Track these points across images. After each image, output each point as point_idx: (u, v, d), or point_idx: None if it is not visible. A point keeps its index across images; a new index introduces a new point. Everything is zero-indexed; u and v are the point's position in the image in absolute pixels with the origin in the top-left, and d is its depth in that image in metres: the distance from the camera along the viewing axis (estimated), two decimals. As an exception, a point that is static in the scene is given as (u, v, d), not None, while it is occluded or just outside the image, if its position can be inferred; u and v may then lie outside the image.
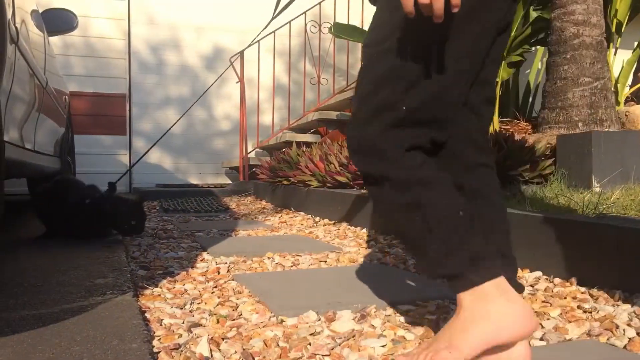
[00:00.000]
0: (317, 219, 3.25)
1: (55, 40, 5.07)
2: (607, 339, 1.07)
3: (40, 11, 3.26)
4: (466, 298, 0.88)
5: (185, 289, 1.53)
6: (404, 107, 0.91)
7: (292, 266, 1.88)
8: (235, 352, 1.00)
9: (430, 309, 1.29)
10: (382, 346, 1.03)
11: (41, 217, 2.49)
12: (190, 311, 1.30)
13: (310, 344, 1.05)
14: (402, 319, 1.22)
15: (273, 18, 1.38)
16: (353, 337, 1.09)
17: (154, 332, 1.11)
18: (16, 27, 2.02)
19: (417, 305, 1.33)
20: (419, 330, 1.13)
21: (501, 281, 0.89)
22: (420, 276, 1.68)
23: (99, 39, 6.58)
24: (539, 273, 1.60)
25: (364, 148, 0.95)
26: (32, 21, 2.62)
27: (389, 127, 0.92)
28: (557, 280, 1.53)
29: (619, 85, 3.93)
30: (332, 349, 1.02)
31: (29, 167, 2.68)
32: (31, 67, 2.38)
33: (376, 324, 1.18)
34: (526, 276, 1.58)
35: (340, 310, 1.27)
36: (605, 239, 1.41)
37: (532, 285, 1.49)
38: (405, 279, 1.53)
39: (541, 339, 1.07)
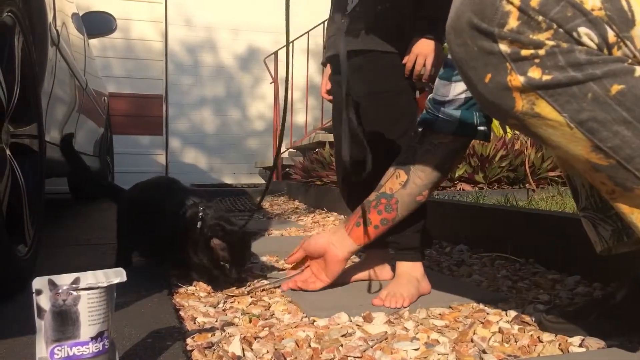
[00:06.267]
0: (350, 219, 3.23)
1: (94, 42, 5.20)
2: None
3: (81, 14, 3.35)
4: None
5: (218, 288, 1.54)
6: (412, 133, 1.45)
7: (324, 266, 1.86)
8: (267, 352, 1.01)
9: (465, 312, 1.27)
10: (415, 349, 1.02)
11: None
12: (223, 310, 1.31)
13: (342, 345, 1.05)
14: (435, 322, 1.20)
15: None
16: (385, 339, 1.08)
17: (188, 330, 1.12)
18: (57, 30, 2.07)
19: (451, 308, 1.31)
20: (453, 334, 1.11)
21: None
22: (455, 279, 1.66)
23: (137, 40, 6.72)
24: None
25: None
26: (73, 24, 2.69)
27: None
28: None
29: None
30: (364, 351, 1.01)
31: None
32: (71, 68, 2.45)
33: (409, 327, 1.17)
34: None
35: (372, 312, 1.26)
36: None
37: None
38: (439, 281, 1.51)
39: (580, 346, 1.03)
